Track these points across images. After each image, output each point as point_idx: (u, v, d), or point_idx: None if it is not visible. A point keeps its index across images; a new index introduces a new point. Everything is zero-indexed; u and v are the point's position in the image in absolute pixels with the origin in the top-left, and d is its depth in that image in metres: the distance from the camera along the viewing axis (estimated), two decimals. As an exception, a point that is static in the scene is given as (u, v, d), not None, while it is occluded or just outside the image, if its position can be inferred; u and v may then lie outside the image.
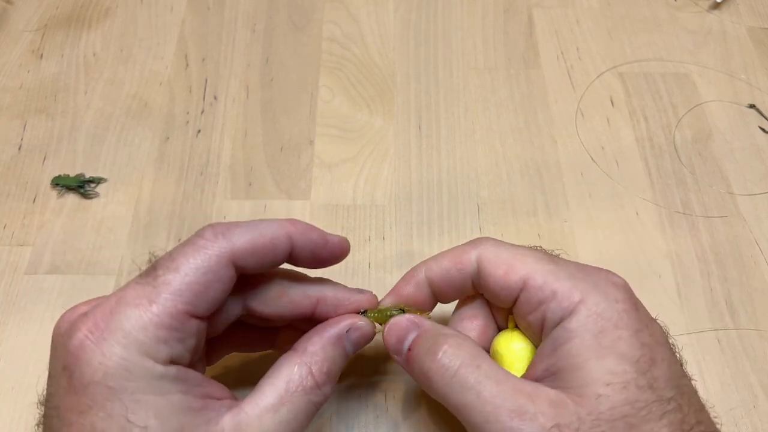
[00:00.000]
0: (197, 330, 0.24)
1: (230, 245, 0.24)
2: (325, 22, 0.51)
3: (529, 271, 0.27)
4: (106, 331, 0.22)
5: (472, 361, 0.25)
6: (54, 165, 0.42)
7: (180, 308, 0.23)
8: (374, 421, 0.33)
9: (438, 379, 0.25)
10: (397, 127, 0.45)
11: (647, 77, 0.48)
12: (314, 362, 0.26)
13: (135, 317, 0.23)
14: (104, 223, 0.40)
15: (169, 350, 0.23)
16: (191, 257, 0.24)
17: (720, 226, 0.40)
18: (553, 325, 0.26)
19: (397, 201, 0.41)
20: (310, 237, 0.27)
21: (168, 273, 0.24)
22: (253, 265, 0.25)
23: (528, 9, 0.52)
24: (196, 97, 0.46)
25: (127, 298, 0.23)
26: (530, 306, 0.27)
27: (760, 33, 0.51)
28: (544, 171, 0.43)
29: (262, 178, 0.42)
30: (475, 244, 0.28)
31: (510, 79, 0.48)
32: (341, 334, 0.27)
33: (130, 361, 0.22)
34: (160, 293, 0.23)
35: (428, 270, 0.29)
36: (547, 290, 0.26)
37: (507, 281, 0.27)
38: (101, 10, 0.51)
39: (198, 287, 0.24)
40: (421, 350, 0.27)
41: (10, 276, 0.37)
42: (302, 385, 0.25)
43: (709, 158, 0.43)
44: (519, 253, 0.28)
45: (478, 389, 0.24)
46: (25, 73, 0.47)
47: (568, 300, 0.25)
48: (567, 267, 0.27)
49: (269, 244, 0.26)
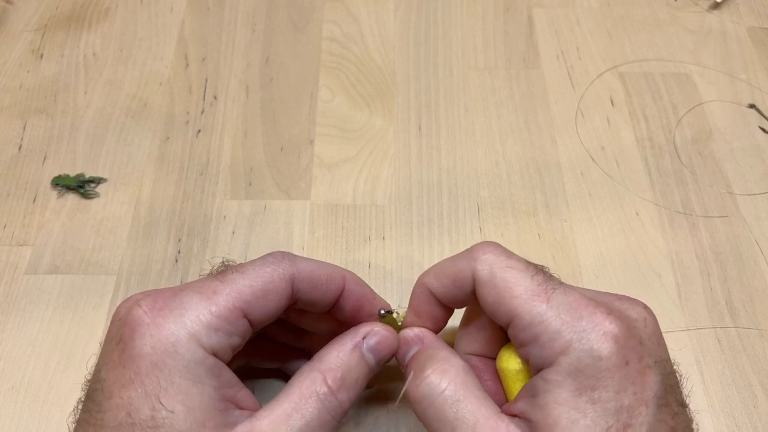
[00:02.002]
0: (244, 332, 0.25)
1: (294, 267, 0.27)
2: (325, 22, 0.51)
3: (517, 308, 0.25)
4: (166, 308, 0.24)
5: (455, 392, 0.25)
6: (54, 165, 0.42)
7: (238, 305, 0.25)
8: (374, 421, 0.33)
9: (417, 404, 0.25)
10: (397, 127, 0.45)
11: (647, 77, 0.48)
12: (328, 369, 0.26)
13: (196, 301, 0.24)
14: (104, 223, 0.40)
15: (217, 340, 0.24)
16: (258, 267, 0.26)
17: (720, 226, 0.40)
18: (536, 369, 0.25)
19: (397, 201, 0.41)
20: (362, 288, 0.29)
21: (235, 274, 0.26)
22: (308, 293, 0.27)
23: (528, 9, 0.52)
24: (196, 97, 0.46)
25: (194, 286, 0.25)
26: (516, 342, 0.26)
27: (760, 33, 0.51)
28: (544, 171, 0.43)
29: (262, 178, 0.42)
30: (473, 257, 0.27)
31: (510, 79, 0.48)
32: (357, 342, 0.27)
33: (178, 339, 0.23)
34: (225, 287, 0.25)
35: (430, 286, 0.29)
36: (530, 333, 0.25)
37: (497, 311, 0.26)
38: (101, 10, 0.51)
39: (258, 292, 0.25)
40: (415, 370, 0.26)
41: (10, 276, 0.37)
42: (315, 392, 0.25)
43: (709, 158, 0.43)
44: (512, 281, 0.25)
45: (453, 426, 0.24)
46: (25, 73, 0.47)
47: (550, 349, 0.24)
48: (558, 307, 0.24)
49: (326, 278, 0.27)
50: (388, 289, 0.37)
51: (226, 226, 0.39)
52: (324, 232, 0.40)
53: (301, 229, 0.40)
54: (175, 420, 0.22)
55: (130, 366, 0.23)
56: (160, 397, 0.23)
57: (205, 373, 0.24)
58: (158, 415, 0.22)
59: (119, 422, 0.22)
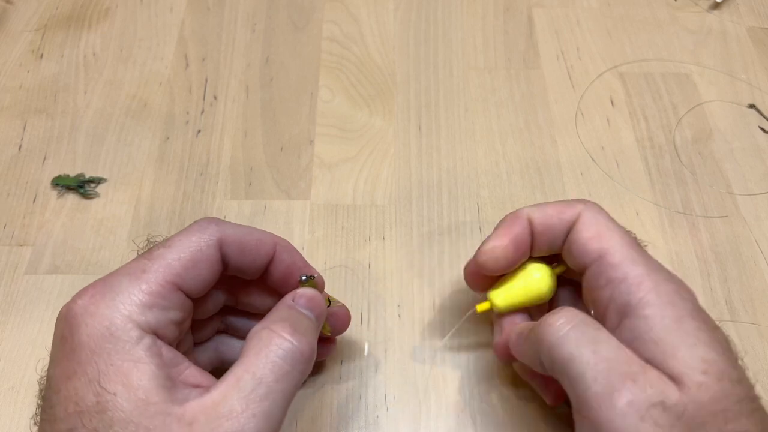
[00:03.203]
0: (182, 305, 0.26)
1: (220, 232, 0.27)
2: (325, 22, 0.51)
3: (610, 246, 0.27)
4: (98, 296, 0.24)
5: (591, 322, 0.25)
6: (54, 165, 0.42)
7: (168, 279, 0.25)
8: (374, 421, 0.33)
9: (551, 332, 0.25)
10: (397, 127, 0.45)
11: (647, 77, 0.48)
12: (273, 323, 0.25)
13: (126, 283, 0.24)
14: (104, 223, 0.40)
15: (152, 318, 0.24)
16: (184, 237, 0.26)
17: (720, 226, 0.40)
18: (619, 310, 0.26)
19: (397, 201, 0.41)
20: (293, 255, 0.29)
21: (163, 249, 0.26)
22: (237, 257, 0.27)
23: (528, 9, 0.52)
24: (196, 97, 0.46)
25: (123, 269, 0.25)
26: (598, 281, 0.27)
27: (760, 33, 0.51)
28: (544, 171, 0.43)
29: (262, 178, 0.42)
30: (583, 202, 0.29)
31: (510, 79, 0.48)
32: (290, 304, 0.27)
33: (113, 322, 0.23)
34: (153, 264, 0.25)
35: (531, 212, 0.29)
36: (620, 271, 0.26)
37: (587, 246, 0.27)
38: (101, 10, 0.51)
39: (188, 263, 0.25)
40: (542, 319, 0.27)
41: (10, 276, 0.37)
42: (265, 345, 0.24)
43: (709, 158, 0.43)
44: (611, 226, 0.28)
45: (596, 346, 0.24)
46: (25, 73, 0.47)
47: (639, 286, 0.25)
48: (646, 257, 0.27)
49: (255, 242, 0.28)
50: (387, 289, 0.37)
51: (226, 226, 0.40)
52: (324, 232, 0.40)
53: (301, 229, 0.40)
54: (118, 402, 0.22)
55: (72, 358, 0.23)
56: (101, 381, 0.23)
57: (145, 352, 0.23)
58: (102, 399, 0.23)
59: (68, 413, 0.23)
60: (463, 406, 0.33)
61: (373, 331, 0.36)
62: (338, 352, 0.35)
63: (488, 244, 0.30)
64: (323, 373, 0.34)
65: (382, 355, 0.35)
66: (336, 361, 0.35)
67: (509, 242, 0.29)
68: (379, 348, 0.35)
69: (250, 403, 0.23)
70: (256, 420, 0.23)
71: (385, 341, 0.35)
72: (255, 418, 0.23)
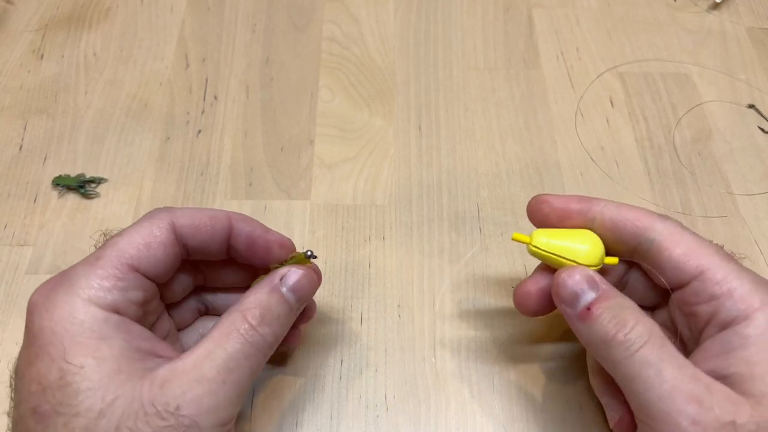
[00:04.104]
0: (142, 285, 0.26)
1: (170, 215, 0.28)
2: (325, 22, 0.51)
3: (710, 263, 0.26)
4: (57, 285, 0.25)
5: (658, 340, 0.25)
6: (54, 165, 0.42)
7: (123, 261, 0.26)
8: (374, 421, 0.33)
9: (621, 350, 0.25)
10: (397, 127, 0.45)
11: (647, 77, 0.48)
12: (247, 309, 0.27)
13: (82, 270, 0.25)
14: (105, 223, 0.40)
15: (112, 298, 0.25)
16: (136, 225, 0.27)
17: (719, 226, 0.40)
18: (722, 325, 0.26)
19: (397, 201, 0.41)
20: (250, 224, 0.29)
21: (115, 237, 0.27)
22: (194, 236, 0.28)
23: (528, 9, 0.52)
24: (197, 97, 0.46)
25: (80, 262, 0.26)
26: (700, 297, 0.27)
27: (759, 33, 0.51)
28: (544, 171, 0.43)
29: (262, 178, 0.42)
30: (663, 217, 0.28)
31: (510, 79, 0.48)
32: (275, 284, 0.28)
33: (73, 306, 0.24)
34: (107, 251, 0.26)
35: (608, 208, 0.29)
36: (725, 287, 0.26)
37: (683, 263, 0.27)
38: (101, 10, 0.51)
39: (140, 246, 0.26)
40: (607, 315, 0.26)
41: (11, 276, 0.38)
42: (236, 329, 0.26)
43: (708, 158, 0.44)
44: (704, 243, 0.27)
45: (660, 366, 0.24)
46: (25, 73, 0.47)
47: (746, 303, 0.25)
48: (748, 271, 0.27)
49: (208, 219, 0.28)
50: (387, 289, 0.37)
51: (226, 226, 0.40)
52: (324, 232, 0.40)
53: (301, 229, 0.40)
54: (86, 373, 0.23)
55: (34, 343, 0.24)
56: (67, 357, 0.23)
57: (111, 329, 0.24)
58: (67, 373, 0.23)
59: (31, 392, 0.23)
60: (463, 405, 0.33)
61: (373, 331, 0.36)
62: (338, 351, 0.35)
63: (549, 196, 0.30)
64: (323, 373, 0.34)
65: (382, 355, 0.35)
66: (336, 360, 0.35)
67: (575, 202, 0.30)
68: (379, 348, 0.35)
69: (221, 371, 0.25)
70: (226, 387, 0.25)
71: (385, 341, 0.35)
72: (225, 385, 0.25)
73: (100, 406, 0.23)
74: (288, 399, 0.33)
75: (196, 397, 0.24)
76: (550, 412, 0.33)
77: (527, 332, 0.36)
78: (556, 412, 0.33)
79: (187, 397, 0.24)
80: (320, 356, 0.35)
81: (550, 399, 0.34)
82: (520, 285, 0.31)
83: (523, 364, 0.35)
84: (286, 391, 0.34)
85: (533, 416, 0.33)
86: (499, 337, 0.36)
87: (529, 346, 0.35)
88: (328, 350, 0.35)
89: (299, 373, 0.34)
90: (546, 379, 0.34)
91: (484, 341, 0.35)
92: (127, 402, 0.23)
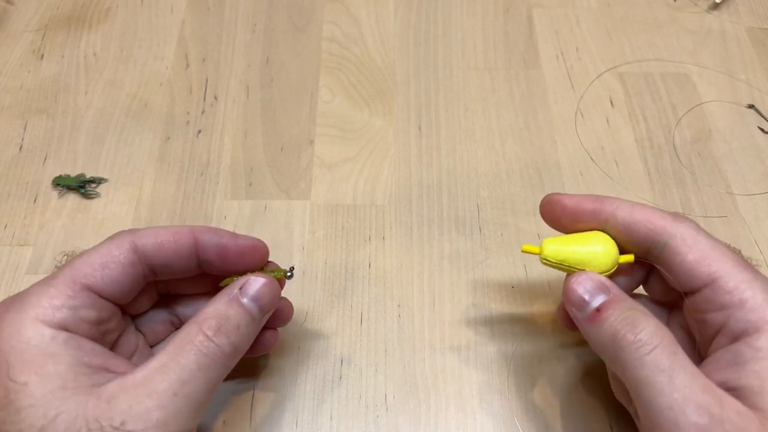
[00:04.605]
0: (95, 304, 0.26)
1: (132, 234, 0.28)
2: (325, 22, 0.51)
3: (722, 270, 0.26)
4: (10, 305, 0.25)
5: (670, 346, 0.25)
6: (55, 165, 0.42)
7: (76, 280, 0.26)
8: (374, 420, 0.33)
9: (631, 351, 0.25)
10: (397, 127, 0.45)
11: (647, 77, 0.48)
12: (203, 320, 0.26)
13: (36, 289, 0.25)
14: (105, 223, 0.40)
15: (61, 316, 0.25)
16: (96, 246, 0.27)
17: (719, 226, 0.40)
18: (733, 335, 0.25)
19: (397, 201, 0.41)
20: (217, 233, 0.29)
21: (74, 258, 0.27)
22: (158, 254, 0.28)
23: (528, 9, 0.52)
24: (197, 97, 0.46)
25: (37, 282, 0.26)
26: (711, 305, 0.26)
27: (759, 33, 0.51)
28: (544, 171, 0.43)
29: (262, 178, 0.42)
30: (678, 219, 0.28)
31: (510, 79, 0.48)
32: (233, 294, 0.27)
33: (21, 324, 0.24)
34: (62, 270, 0.26)
35: (620, 209, 0.28)
36: (737, 297, 0.25)
37: (695, 270, 0.26)
38: (102, 10, 0.51)
39: (96, 264, 0.26)
40: (617, 316, 0.26)
41: (11, 276, 0.38)
42: (190, 341, 0.25)
43: (708, 158, 0.44)
44: (718, 248, 0.27)
45: (671, 373, 0.24)
46: (25, 73, 0.47)
47: (758, 315, 0.25)
48: (763, 279, 0.26)
49: (171, 235, 0.28)
50: (387, 289, 0.37)
51: (226, 226, 0.39)
52: (324, 232, 0.40)
53: (301, 229, 0.40)
54: (30, 390, 0.23)
55: None
56: (11, 374, 0.23)
57: (59, 346, 0.24)
58: (11, 390, 0.23)
59: None
60: (462, 405, 0.33)
61: (373, 331, 0.36)
62: (338, 351, 0.35)
63: (561, 196, 0.30)
64: (323, 373, 0.34)
65: (382, 355, 0.35)
66: (336, 360, 0.35)
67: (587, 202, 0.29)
68: (379, 348, 0.35)
69: (173, 384, 0.24)
70: (177, 400, 0.24)
71: (385, 341, 0.35)
72: (176, 398, 0.24)
73: (42, 423, 0.23)
74: (288, 399, 0.33)
75: (144, 411, 0.23)
76: (550, 410, 0.33)
77: (528, 332, 0.36)
78: (556, 411, 0.33)
79: (134, 411, 0.23)
80: (320, 356, 0.35)
81: (550, 398, 0.34)
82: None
83: (524, 363, 0.35)
84: (286, 392, 0.34)
85: (533, 416, 0.33)
86: (499, 337, 0.36)
87: (530, 345, 0.35)
88: (328, 350, 0.35)
89: (299, 373, 0.34)
90: (546, 378, 0.34)
91: (484, 341, 0.35)
92: (71, 418, 0.23)
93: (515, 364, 0.35)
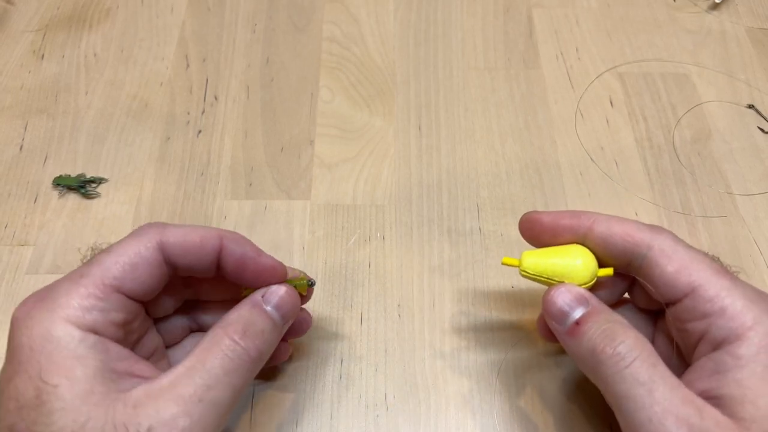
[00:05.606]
0: (124, 306, 0.26)
1: (160, 233, 0.27)
2: (325, 22, 0.51)
3: (702, 279, 0.26)
4: (39, 302, 0.25)
5: (649, 358, 0.25)
6: (55, 165, 0.42)
7: (106, 282, 0.25)
8: (374, 420, 0.33)
9: (610, 365, 0.25)
10: (397, 127, 0.45)
11: (646, 77, 0.48)
12: (228, 325, 0.26)
13: (65, 288, 0.25)
14: (105, 223, 0.40)
15: (91, 318, 0.25)
16: (124, 242, 0.27)
17: (719, 226, 0.40)
18: (715, 343, 0.25)
19: (397, 201, 0.41)
20: (243, 245, 0.28)
21: (102, 254, 0.26)
22: (183, 257, 0.27)
23: (528, 9, 0.52)
24: (197, 97, 0.46)
25: (65, 276, 0.26)
26: (692, 314, 0.26)
27: (758, 33, 0.51)
28: (544, 171, 0.43)
29: (262, 178, 0.42)
30: (655, 230, 0.28)
31: (510, 79, 0.48)
32: (256, 301, 0.28)
33: (52, 324, 0.24)
34: (92, 269, 0.26)
35: (597, 223, 0.29)
36: (717, 305, 0.25)
37: (675, 280, 0.26)
38: (102, 10, 0.51)
39: (126, 266, 0.26)
40: (596, 329, 0.26)
41: (11, 276, 0.38)
42: (216, 344, 0.25)
43: (708, 158, 0.44)
44: (697, 257, 0.27)
45: (651, 386, 0.24)
46: (26, 73, 0.47)
47: (738, 322, 0.25)
48: (743, 286, 0.26)
49: (199, 239, 0.28)
50: (388, 289, 0.37)
51: (226, 226, 0.40)
52: (324, 232, 0.40)
53: (301, 229, 0.40)
54: (60, 392, 0.23)
55: (12, 360, 0.24)
56: (42, 375, 0.23)
57: (87, 350, 0.24)
58: (42, 392, 0.23)
59: (9, 410, 0.23)
60: (462, 405, 0.33)
61: (373, 331, 0.36)
62: (338, 351, 0.35)
63: (540, 214, 0.30)
64: (323, 373, 0.34)
65: (382, 355, 0.35)
66: (336, 360, 0.35)
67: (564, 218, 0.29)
68: (379, 348, 0.35)
69: (198, 389, 0.24)
70: (203, 405, 0.24)
71: (385, 341, 0.35)
72: (201, 404, 0.24)
73: (72, 428, 0.23)
74: (288, 399, 0.33)
75: (170, 417, 0.23)
76: (550, 411, 0.33)
77: (528, 332, 0.36)
78: (555, 411, 0.33)
79: (160, 417, 0.23)
80: (320, 356, 0.35)
81: (550, 398, 0.34)
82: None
83: (523, 363, 0.35)
84: (286, 391, 0.34)
85: (533, 416, 0.33)
86: (499, 337, 0.36)
87: (530, 345, 0.36)
88: (328, 350, 0.35)
89: (299, 373, 0.34)
90: (546, 378, 0.34)
91: (484, 341, 0.36)
92: (99, 424, 0.23)
93: (515, 364, 0.35)
